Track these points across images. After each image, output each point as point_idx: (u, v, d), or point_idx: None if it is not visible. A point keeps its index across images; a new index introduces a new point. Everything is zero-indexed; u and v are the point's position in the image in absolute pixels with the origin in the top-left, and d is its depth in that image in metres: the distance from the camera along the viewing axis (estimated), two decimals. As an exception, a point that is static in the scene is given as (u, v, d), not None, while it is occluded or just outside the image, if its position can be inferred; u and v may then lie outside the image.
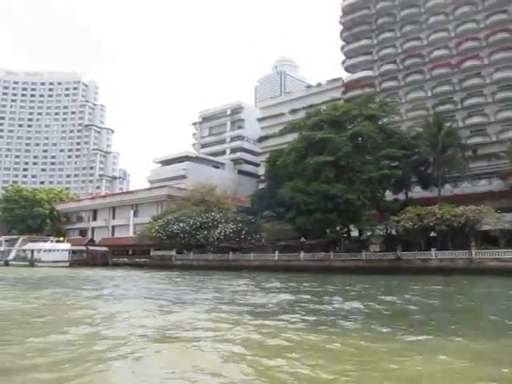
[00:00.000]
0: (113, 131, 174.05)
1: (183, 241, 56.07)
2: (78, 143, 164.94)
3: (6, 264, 65.68)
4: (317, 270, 45.43)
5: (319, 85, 76.01)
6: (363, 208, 39.15)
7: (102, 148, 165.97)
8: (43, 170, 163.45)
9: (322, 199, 39.05)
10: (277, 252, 50.21)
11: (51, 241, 69.44)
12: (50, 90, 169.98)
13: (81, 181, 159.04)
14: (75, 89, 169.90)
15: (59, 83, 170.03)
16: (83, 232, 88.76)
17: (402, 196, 49.38)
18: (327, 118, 45.76)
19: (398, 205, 42.30)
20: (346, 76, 73.22)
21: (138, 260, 69.60)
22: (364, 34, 71.91)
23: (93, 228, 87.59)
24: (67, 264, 65.12)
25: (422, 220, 37.85)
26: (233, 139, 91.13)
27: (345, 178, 40.55)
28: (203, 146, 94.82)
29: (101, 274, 44.49)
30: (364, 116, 43.68)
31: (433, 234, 40.00)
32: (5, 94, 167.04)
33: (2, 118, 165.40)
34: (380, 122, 46.34)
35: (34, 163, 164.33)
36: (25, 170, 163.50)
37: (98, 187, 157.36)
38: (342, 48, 74.58)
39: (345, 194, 38.09)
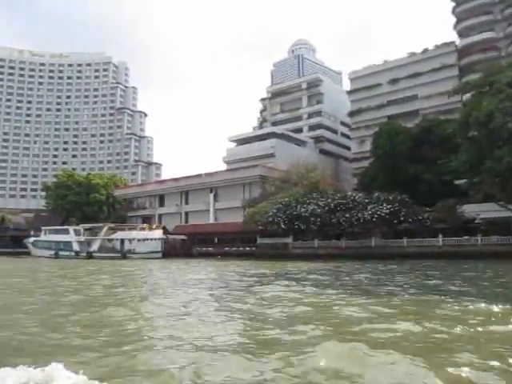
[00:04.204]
0: (146, 115, 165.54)
1: (314, 225, 48.42)
2: (110, 127, 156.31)
3: (90, 256, 57.95)
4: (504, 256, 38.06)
5: (425, 51, 67.95)
6: None
7: (136, 132, 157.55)
8: (74, 156, 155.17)
9: None
10: (440, 236, 42.70)
11: (143, 229, 61.61)
12: (79, 71, 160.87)
13: (114, 167, 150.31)
14: (105, 70, 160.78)
15: (88, 64, 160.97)
16: (147, 219, 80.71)
17: None
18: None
19: None
20: (461, 40, 65.22)
21: (227, 249, 61.92)
22: (482, -9, 63.83)
23: (160, 215, 79.92)
24: (160, 255, 57.63)
25: None
26: (311, 115, 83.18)
27: None
28: (274, 123, 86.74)
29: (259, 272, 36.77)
30: None
31: None
32: (31, 76, 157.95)
33: (29, 102, 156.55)
34: None
35: (64, 149, 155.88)
36: (54, 156, 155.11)
37: (133, 173, 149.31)
38: (453, 10, 66.63)
39: None
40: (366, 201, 46.06)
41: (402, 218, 43.36)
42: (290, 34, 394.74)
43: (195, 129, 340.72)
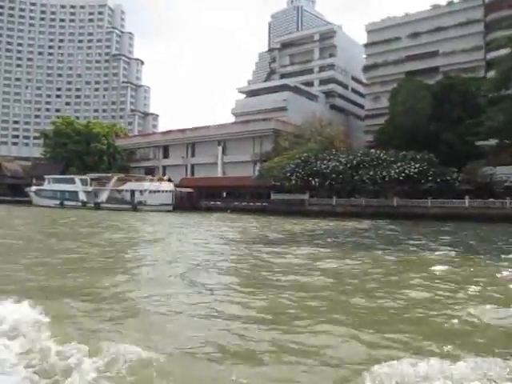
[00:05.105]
0: (143, 62, 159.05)
1: (335, 182, 47.09)
2: (105, 75, 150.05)
3: (98, 207, 56.29)
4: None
5: (451, 3, 64.71)
6: None
7: (132, 81, 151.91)
8: (67, 103, 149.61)
9: None
10: (467, 198, 41.63)
11: (152, 180, 59.55)
12: (72, 13, 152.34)
13: (110, 116, 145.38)
14: (100, 13, 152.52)
15: (82, 6, 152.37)
16: (150, 171, 78.54)
17: None
18: None
19: None
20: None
21: (236, 204, 60.28)
22: None
23: (164, 166, 77.82)
24: (171, 208, 56.11)
25: None
26: (322, 69, 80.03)
27: None
28: (283, 75, 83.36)
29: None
30: None
31: None
32: (21, 16, 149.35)
33: (20, 45, 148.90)
34: None
35: (57, 96, 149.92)
36: (47, 103, 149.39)
37: (129, 123, 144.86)
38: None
39: None
40: (392, 159, 44.58)
41: (430, 178, 42.08)
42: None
43: (191, 80, 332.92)
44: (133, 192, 55.88)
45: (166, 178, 61.73)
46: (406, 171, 42.00)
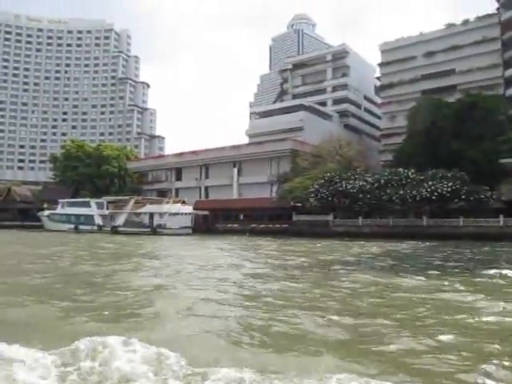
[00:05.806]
0: (148, 86, 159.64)
1: (362, 202, 46.00)
2: (111, 98, 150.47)
3: (115, 231, 54.90)
4: None
5: (466, 22, 64.68)
6: None
7: (138, 104, 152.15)
8: (74, 127, 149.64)
9: None
10: (502, 216, 40.43)
11: (168, 202, 58.20)
12: (79, 39, 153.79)
13: (116, 139, 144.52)
14: (106, 38, 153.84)
15: (88, 31, 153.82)
16: (162, 193, 77.50)
17: None
18: None
19: None
20: (505, 12, 61.92)
21: (254, 226, 59.00)
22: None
23: (177, 189, 76.71)
24: (190, 231, 54.84)
25: None
26: (336, 89, 79.79)
27: None
28: (295, 96, 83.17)
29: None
30: None
31: None
32: (29, 42, 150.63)
33: (27, 70, 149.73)
34: None
35: (64, 120, 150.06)
36: (54, 127, 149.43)
37: (136, 146, 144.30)
38: (498, -23, 63.24)
39: None
40: (422, 177, 43.59)
41: (463, 197, 40.98)
42: (289, 8, 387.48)
43: (194, 102, 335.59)
44: (151, 215, 54.54)
45: (181, 200, 60.56)
46: (439, 190, 40.85)
